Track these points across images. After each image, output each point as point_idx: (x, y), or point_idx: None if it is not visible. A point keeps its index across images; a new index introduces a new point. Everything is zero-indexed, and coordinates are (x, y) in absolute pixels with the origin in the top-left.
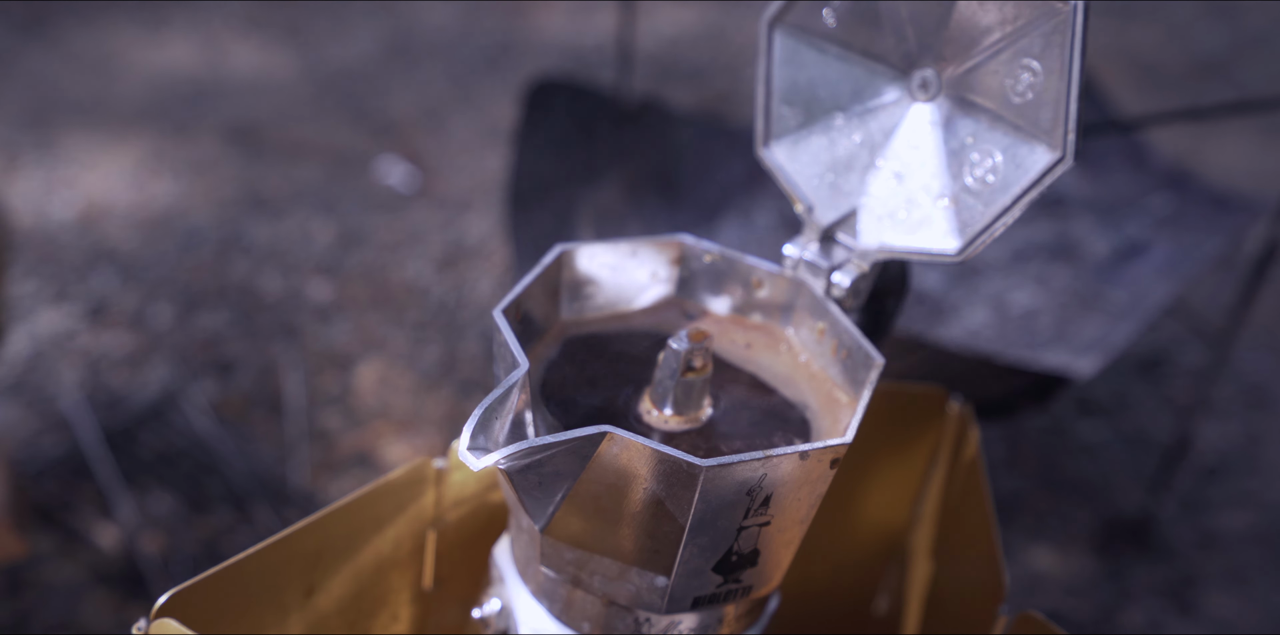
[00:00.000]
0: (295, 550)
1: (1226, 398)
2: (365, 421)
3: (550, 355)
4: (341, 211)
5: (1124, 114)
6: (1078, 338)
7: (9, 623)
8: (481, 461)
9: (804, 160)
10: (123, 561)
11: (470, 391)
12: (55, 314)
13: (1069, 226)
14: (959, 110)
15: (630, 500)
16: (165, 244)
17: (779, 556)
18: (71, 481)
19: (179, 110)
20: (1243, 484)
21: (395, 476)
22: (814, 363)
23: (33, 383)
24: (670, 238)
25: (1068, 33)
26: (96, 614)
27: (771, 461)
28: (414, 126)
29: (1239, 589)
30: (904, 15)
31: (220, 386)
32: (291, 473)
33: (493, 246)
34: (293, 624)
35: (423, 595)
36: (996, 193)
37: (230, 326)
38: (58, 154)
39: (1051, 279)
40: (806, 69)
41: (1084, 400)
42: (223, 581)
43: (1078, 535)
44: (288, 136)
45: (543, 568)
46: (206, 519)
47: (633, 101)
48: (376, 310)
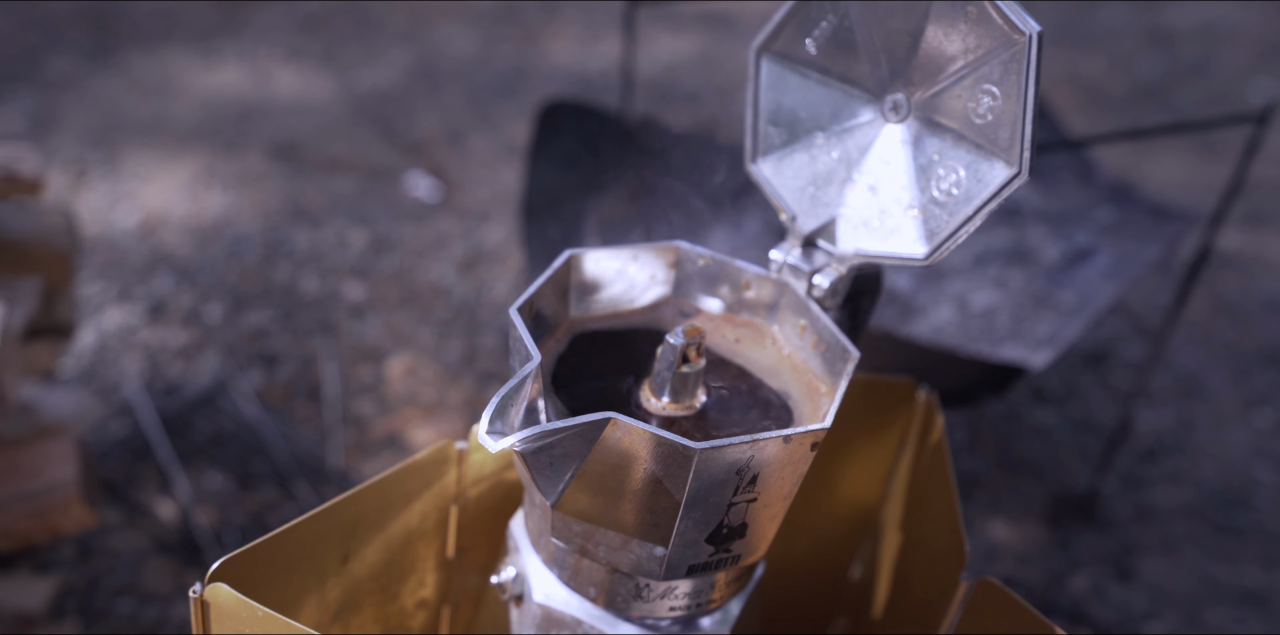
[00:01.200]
0: (332, 522)
1: (1162, 387)
2: (395, 408)
3: (560, 349)
4: (373, 220)
5: (1072, 134)
6: (1031, 334)
7: (81, 585)
8: (499, 444)
9: (788, 174)
10: (180, 532)
11: (488, 382)
12: (119, 312)
13: (1024, 234)
14: (927, 130)
15: (632, 479)
16: (216, 250)
17: (765, 529)
18: (134, 461)
19: (228, 130)
20: (1176, 464)
21: (421, 457)
22: (796, 356)
23: (99, 373)
24: (667, 244)
25: (1023, 61)
26: (157, 578)
27: (758, 444)
28: (438, 144)
29: (1172, 557)
30: (878, 44)
31: (265, 377)
32: (329, 454)
33: (508, 251)
34: (330, 588)
35: (446, 563)
36: (960, 204)
37: (274, 323)
38: (121, 169)
39: (1008, 281)
40: (790, 92)
41: (1037, 389)
42: (268, 550)
43: (1030, 510)
44: (325, 153)
45: (553, 539)
46: (253, 495)
47: (634, 121)
48: (405, 309)
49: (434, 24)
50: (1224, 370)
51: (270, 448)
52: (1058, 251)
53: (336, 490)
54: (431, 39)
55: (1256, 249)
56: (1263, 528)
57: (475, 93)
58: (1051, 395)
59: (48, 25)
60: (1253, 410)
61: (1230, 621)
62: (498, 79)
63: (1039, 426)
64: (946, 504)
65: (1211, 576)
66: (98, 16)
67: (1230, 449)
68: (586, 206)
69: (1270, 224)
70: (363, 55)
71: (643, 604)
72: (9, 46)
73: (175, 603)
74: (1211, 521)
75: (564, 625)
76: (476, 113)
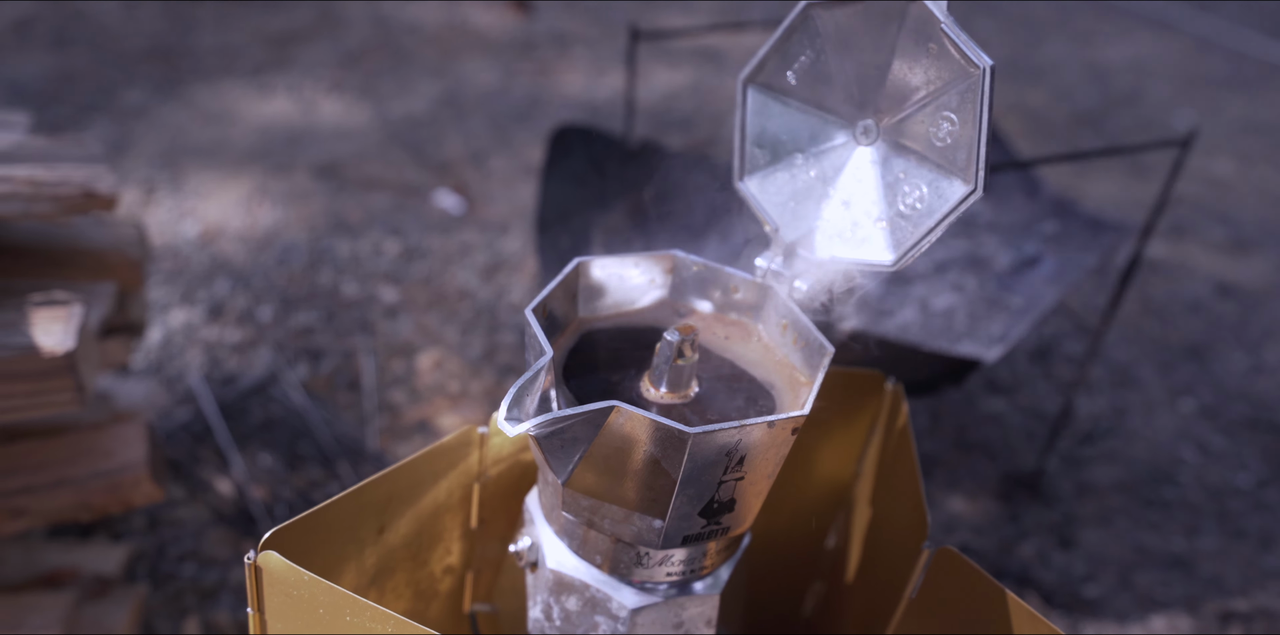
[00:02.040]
0: (370, 498)
1: (1099, 378)
2: (424, 397)
3: (570, 345)
4: (405, 232)
5: (1020, 155)
6: (985, 332)
7: (151, 552)
8: (515, 429)
9: (771, 191)
10: (236, 506)
11: (507, 374)
12: (182, 312)
13: (978, 244)
14: (893, 152)
15: (633, 459)
16: (267, 257)
17: (751, 504)
18: (196, 443)
19: (278, 153)
20: (1110, 445)
21: (448, 441)
22: (778, 351)
23: (166, 366)
24: (665, 252)
25: (978, 91)
26: (217, 546)
27: (745, 429)
28: (462, 164)
29: (1107, 527)
30: (850, 76)
31: (311, 369)
32: (367, 437)
33: (524, 259)
34: (368, 555)
35: (469, 533)
36: (923, 217)
37: (318, 322)
38: (184, 188)
39: (965, 286)
40: (773, 118)
41: (990, 380)
42: (313, 522)
43: (984, 486)
44: (363, 173)
45: (564, 513)
46: (300, 473)
47: (635, 144)
48: (433, 310)
49: (460, 59)
50: (1152, 363)
51: (315, 432)
52: (1008, 259)
53: (373, 469)
54: (457, 72)
55: (1180, 257)
56: (1186, 501)
57: (495, 119)
58: (1002, 386)
59: (123, 62)
60: (1178, 398)
61: (1158, 584)
62: (515, 107)
63: (991, 413)
64: (910, 481)
65: (1141, 544)
66: (166, 55)
67: (1158, 432)
68: (593, 219)
69: (1191, 235)
70: (396, 87)
71: (643, 570)
72: (89, 81)
73: (232, 567)
74: (1141, 496)
75: (574, 589)
76: (497, 137)
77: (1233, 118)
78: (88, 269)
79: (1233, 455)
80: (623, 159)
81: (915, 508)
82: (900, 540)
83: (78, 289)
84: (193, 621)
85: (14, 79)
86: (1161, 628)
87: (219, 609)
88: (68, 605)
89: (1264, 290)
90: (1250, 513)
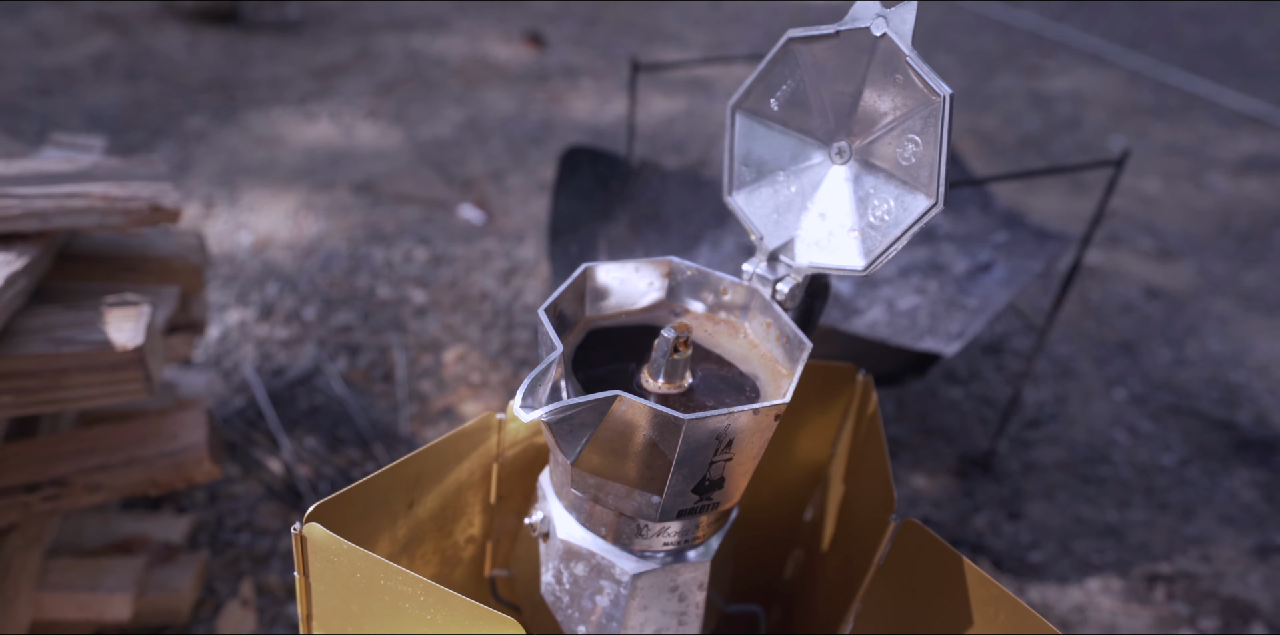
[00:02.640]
0: (401, 476)
1: (1043, 370)
2: (450, 387)
3: (577, 341)
4: (433, 241)
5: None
6: (944, 329)
7: (211, 522)
8: (530, 416)
9: (756, 204)
10: (285, 482)
11: (522, 367)
12: (237, 312)
13: (938, 252)
14: (864, 170)
15: (634, 442)
16: (312, 264)
17: (738, 482)
18: (249, 427)
19: (322, 172)
20: (1053, 429)
21: (470, 425)
22: (762, 346)
23: (223, 359)
24: (662, 259)
25: (939, 116)
26: (268, 518)
27: (733, 415)
28: (483, 182)
29: (1049, 501)
30: (826, 103)
31: (350, 363)
32: (399, 423)
33: (538, 265)
34: (399, 527)
35: (489, 507)
36: (890, 228)
37: (357, 321)
38: (239, 203)
39: (927, 288)
40: (758, 140)
41: (949, 372)
42: (351, 497)
43: (942, 465)
44: (396, 189)
45: (573, 490)
46: (341, 454)
47: (636, 163)
48: (457, 310)
49: (481, 89)
50: (1089, 357)
51: (354, 418)
52: (964, 265)
53: (405, 451)
54: (479, 100)
55: (1114, 264)
56: (1119, 478)
57: (512, 142)
58: (959, 377)
59: (187, 93)
60: (1111, 388)
61: (1093, 551)
62: (530, 131)
63: (949, 401)
64: (879, 461)
65: (1079, 516)
66: (224, 86)
67: (1094, 418)
68: (599, 230)
69: (1124, 245)
70: (425, 113)
71: (642, 540)
72: (157, 109)
73: (282, 536)
74: (1079, 474)
75: (581, 556)
76: (513, 157)
77: (1158, 142)
78: (155, 274)
79: (1159, 438)
80: (625, 177)
81: (883, 484)
82: (870, 513)
83: (146, 291)
84: (247, 584)
85: (92, 108)
86: (1096, 589)
87: (270, 573)
88: (139, 568)
89: (1186, 294)
90: (1173, 488)
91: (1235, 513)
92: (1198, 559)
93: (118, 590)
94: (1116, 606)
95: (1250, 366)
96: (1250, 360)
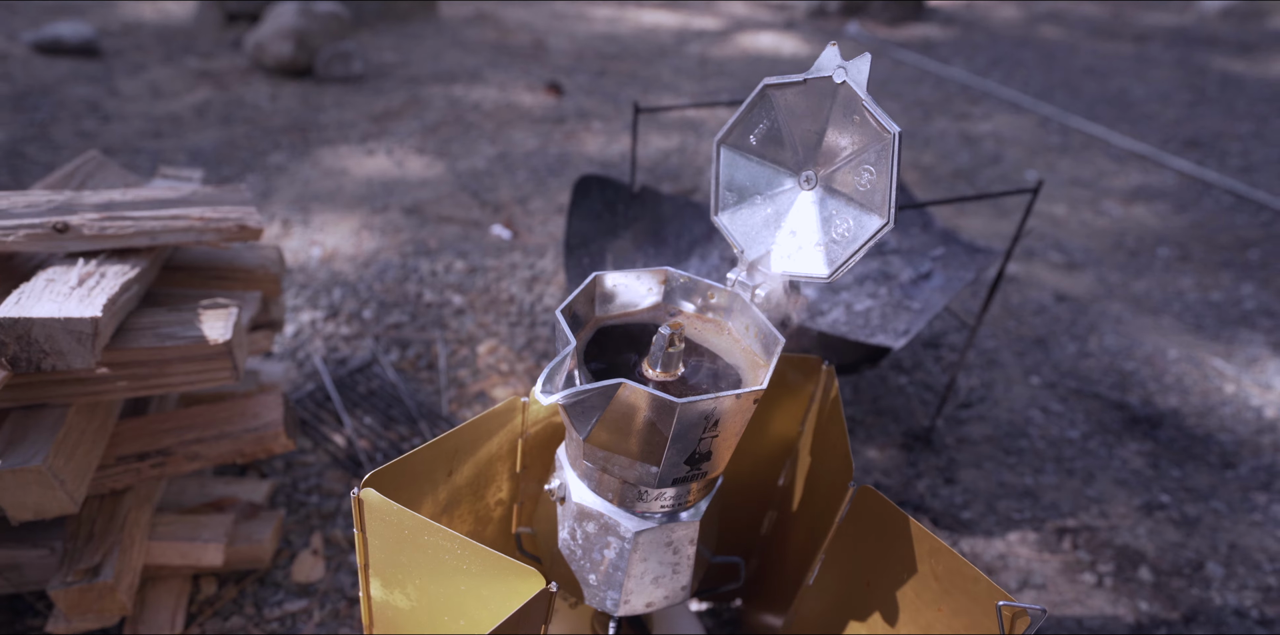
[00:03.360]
0: (441, 449)
1: (973, 362)
2: (483, 375)
3: (588, 337)
4: (469, 254)
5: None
6: (893, 327)
7: (287, 485)
8: (548, 399)
9: (738, 223)
10: (347, 453)
11: (542, 358)
12: (309, 313)
13: (887, 263)
14: (828, 195)
15: (636, 422)
16: (370, 273)
17: (723, 454)
18: (318, 407)
19: (378, 198)
20: (981, 410)
21: (499, 407)
22: (743, 342)
23: (297, 351)
24: (659, 268)
25: (890, 151)
26: (333, 483)
27: (719, 400)
28: (511, 205)
29: (978, 468)
30: (796, 139)
31: (400, 354)
32: (441, 404)
33: (556, 274)
34: (440, 492)
35: (515, 476)
36: (850, 243)
37: (406, 320)
38: (311, 223)
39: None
40: (739, 170)
41: (896, 363)
42: (400, 467)
43: (891, 440)
44: (439, 212)
45: (585, 461)
46: (393, 430)
47: (637, 189)
48: (489, 311)
49: (510, 130)
50: (1010, 350)
51: (403, 400)
52: (909, 274)
53: (445, 428)
54: (508, 138)
55: (1029, 274)
56: (1034, 449)
57: (535, 172)
58: (905, 366)
59: (270, 134)
60: (1028, 376)
61: (1014, 510)
62: (549, 164)
63: (897, 386)
64: (839, 437)
65: (1003, 480)
66: (299, 128)
67: (1014, 400)
68: (606, 245)
69: (1037, 258)
70: (463, 149)
71: (643, 503)
72: (245, 148)
73: (345, 498)
74: (1002, 446)
75: (591, 517)
76: (536, 185)
77: (1064, 175)
78: (241, 281)
79: (1066, 416)
80: (628, 200)
81: (843, 456)
82: (832, 480)
83: (234, 296)
84: (317, 537)
85: (194, 147)
86: (1016, 540)
87: (335, 528)
88: (229, 523)
89: (1087, 298)
90: (1078, 457)
91: (1127, 476)
92: (1097, 515)
93: (212, 541)
94: (1032, 555)
95: (1138, 358)
96: (1138, 353)
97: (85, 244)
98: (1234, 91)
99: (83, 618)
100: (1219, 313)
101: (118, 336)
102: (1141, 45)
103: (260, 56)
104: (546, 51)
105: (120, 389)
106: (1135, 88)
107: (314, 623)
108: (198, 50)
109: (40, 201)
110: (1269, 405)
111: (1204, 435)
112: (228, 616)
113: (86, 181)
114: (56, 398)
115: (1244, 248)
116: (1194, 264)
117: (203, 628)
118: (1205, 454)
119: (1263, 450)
